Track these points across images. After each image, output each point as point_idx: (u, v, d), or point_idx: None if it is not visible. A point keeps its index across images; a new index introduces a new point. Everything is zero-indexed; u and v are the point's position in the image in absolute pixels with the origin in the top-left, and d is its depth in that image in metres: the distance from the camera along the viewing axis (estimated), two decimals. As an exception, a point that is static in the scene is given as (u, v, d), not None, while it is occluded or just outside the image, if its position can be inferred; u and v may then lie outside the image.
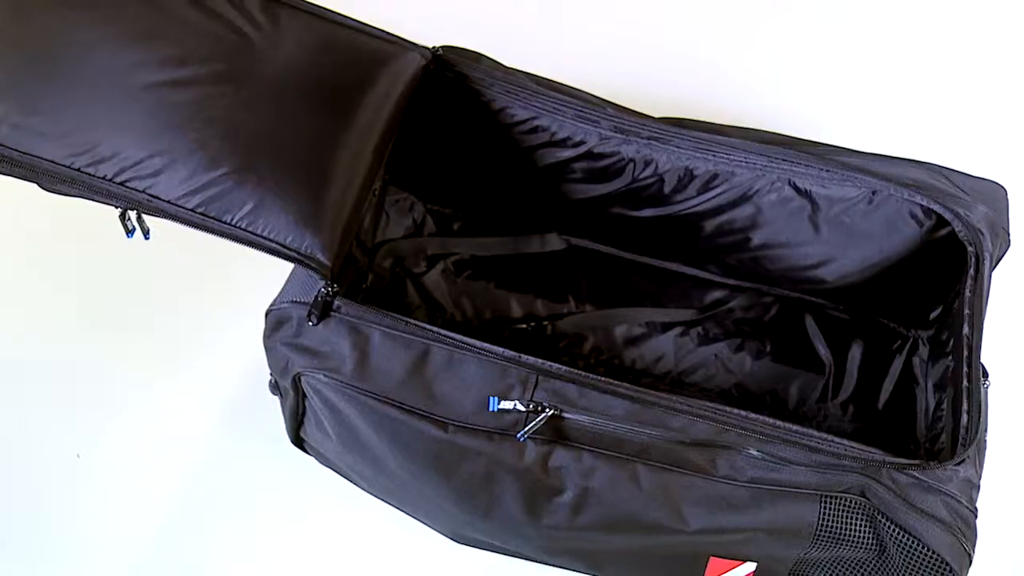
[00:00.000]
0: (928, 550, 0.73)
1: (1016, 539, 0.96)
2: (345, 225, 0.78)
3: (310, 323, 0.78)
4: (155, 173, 0.74)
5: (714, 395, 1.01)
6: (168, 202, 0.74)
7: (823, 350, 1.02)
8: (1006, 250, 0.89)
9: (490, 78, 0.91)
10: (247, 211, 0.75)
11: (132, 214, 0.75)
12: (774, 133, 0.94)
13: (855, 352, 1.02)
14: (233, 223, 0.75)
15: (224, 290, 1.07)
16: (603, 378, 0.76)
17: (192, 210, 0.74)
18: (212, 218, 0.74)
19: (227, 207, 0.74)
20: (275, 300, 0.81)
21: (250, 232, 0.75)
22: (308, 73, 0.82)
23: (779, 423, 0.75)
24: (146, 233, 0.77)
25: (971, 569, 0.74)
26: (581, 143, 0.92)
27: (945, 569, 0.73)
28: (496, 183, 1.01)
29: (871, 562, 0.77)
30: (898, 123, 1.27)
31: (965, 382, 0.79)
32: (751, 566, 0.80)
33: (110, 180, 0.73)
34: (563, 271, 1.05)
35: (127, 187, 0.74)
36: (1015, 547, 0.95)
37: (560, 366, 0.76)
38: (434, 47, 0.90)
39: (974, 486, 0.76)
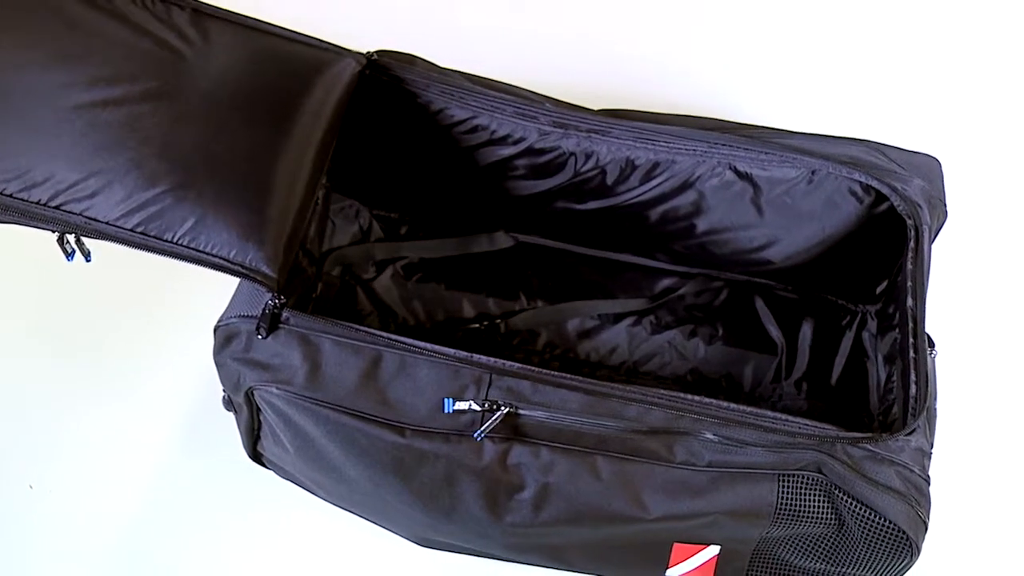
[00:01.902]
0: (884, 520, 0.74)
1: (970, 504, 0.97)
2: (289, 236, 0.77)
3: (259, 337, 0.78)
4: (91, 195, 0.73)
5: (669, 382, 1.01)
6: (106, 224, 0.73)
7: (774, 331, 1.03)
8: (944, 221, 0.90)
9: (426, 80, 0.91)
10: (188, 228, 0.74)
11: (70, 237, 0.74)
12: (713, 119, 0.95)
13: (806, 331, 1.03)
14: (175, 241, 0.74)
15: (171, 308, 1.06)
16: (556, 373, 0.76)
17: (132, 230, 0.73)
18: (153, 237, 0.73)
19: (167, 225, 0.74)
20: (223, 316, 0.81)
21: (192, 249, 0.74)
22: (242, 85, 0.81)
23: (733, 406, 0.76)
24: (87, 256, 0.76)
25: (927, 535, 0.75)
26: (521, 140, 0.93)
27: (901, 538, 0.74)
28: (440, 185, 1.01)
29: (831, 536, 0.78)
30: (832, 102, 1.29)
31: (912, 353, 0.80)
32: (715, 549, 0.80)
33: (45, 205, 0.72)
34: (513, 268, 1.06)
35: (63, 211, 0.73)
36: (969, 512, 0.97)
37: (513, 363, 0.76)
38: (368, 52, 0.90)
39: (926, 454, 0.78)
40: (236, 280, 0.82)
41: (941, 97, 1.30)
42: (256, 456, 0.90)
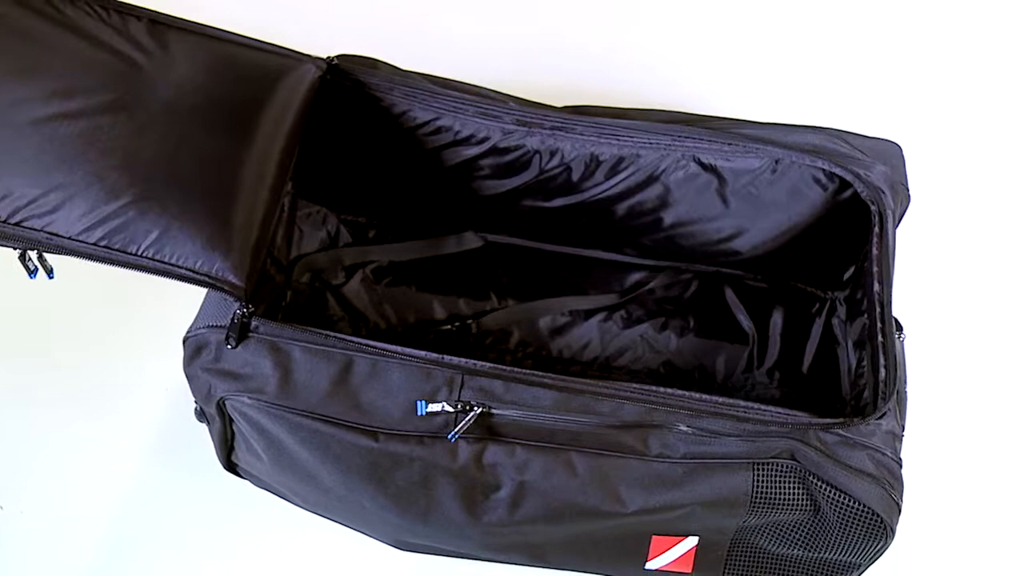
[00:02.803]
0: (859, 504, 0.75)
1: (942, 485, 0.98)
2: (255, 244, 0.77)
3: (229, 346, 0.77)
4: (52, 210, 0.72)
5: (643, 376, 1.02)
6: (69, 239, 0.72)
7: (745, 320, 1.03)
8: (907, 205, 0.91)
9: (388, 83, 0.91)
10: (152, 240, 0.73)
11: (33, 254, 0.74)
12: (676, 112, 0.95)
13: (776, 319, 1.04)
14: (139, 253, 0.73)
15: (138, 322, 1.05)
16: (528, 371, 0.76)
17: (95, 244, 0.72)
18: (117, 251, 0.73)
19: (131, 238, 0.73)
20: (191, 327, 0.80)
21: (158, 261, 0.73)
22: (202, 94, 0.80)
23: (704, 397, 0.76)
24: (49, 272, 0.76)
25: (900, 517, 0.76)
26: (485, 139, 0.92)
27: (876, 520, 0.75)
28: (406, 187, 1.01)
29: (807, 522, 0.78)
30: (792, 91, 1.29)
31: (880, 338, 0.81)
32: (693, 540, 0.81)
33: (5, 222, 0.71)
34: (482, 268, 1.06)
35: (24, 227, 0.72)
36: (942, 493, 0.98)
37: (484, 363, 0.76)
38: (329, 57, 0.90)
39: (897, 437, 0.78)
40: (204, 291, 0.81)
41: (900, 83, 1.31)
42: (231, 466, 0.90)
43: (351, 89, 0.90)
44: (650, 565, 0.83)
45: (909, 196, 0.91)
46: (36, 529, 0.93)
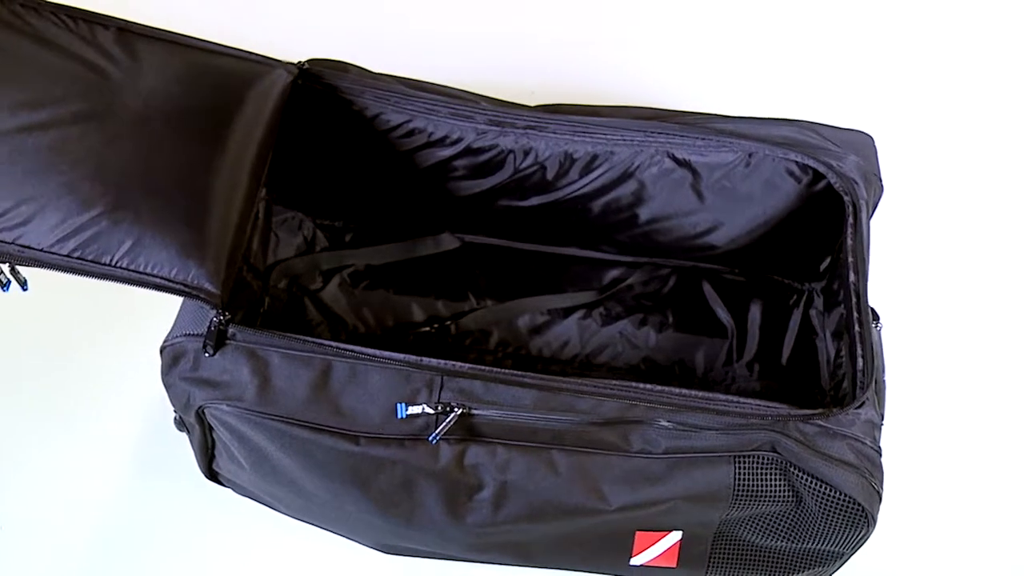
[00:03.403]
0: (840, 494, 0.75)
1: (922, 472, 0.99)
2: (230, 251, 0.76)
3: (206, 354, 0.77)
4: (24, 222, 0.71)
5: (623, 373, 1.02)
6: (41, 251, 0.71)
7: (723, 314, 1.04)
8: (880, 195, 0.91)
9: (360, 86, 0.90)
10: (126, 250, 0.73)
11: (4, 267, 0.73)
12: (649, 108, 0.95)
13: (754, 312, 1.04)
14: (113, 264, 0.73)
15: (114, 332, 1.05)
16: (507, 371, 0.76)
17: (68, 256, 0.72)
18: (91, 261, 0.72)
19: (105, 248, 0.72)
20: (168, 336, 0.80)
21: (132, 271, 0.73)
22: (173, 102, 0.80)
23: (685, 391, 0.77)
24: (23, 284, 0.75)
25: (881, 505, 0.76)
26: (459, 140, 0.92)
27: (857, 509, 0.75)
28: (382, 190, 1.00)
29: (790, 513, 0.79)
30: (763, 84, 1.30)
31: (856, 327, 0.82)
32: (677, 535, 0.81)
33: (-25, 236, 0.71)
34: (460, 269, 1.06)
35: (-5, 240, 0.71)
36: (922, 481, 0.98)
37: (463, 364, 0.76)
38: (300, 61, 0.89)
39: (876, 426, 0.79)
40: (180, 299, 0.81)
41: (871, 74, 1.31)
42: (212, 475, 0.89)
43: (323, 93, 0.90)
44: (635, 561, 0.83)
45: (882, 186, 0.91)
46: (17, 545, 0.92)
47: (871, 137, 0.94)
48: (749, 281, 1.05)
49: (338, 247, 1.05)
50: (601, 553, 0.84)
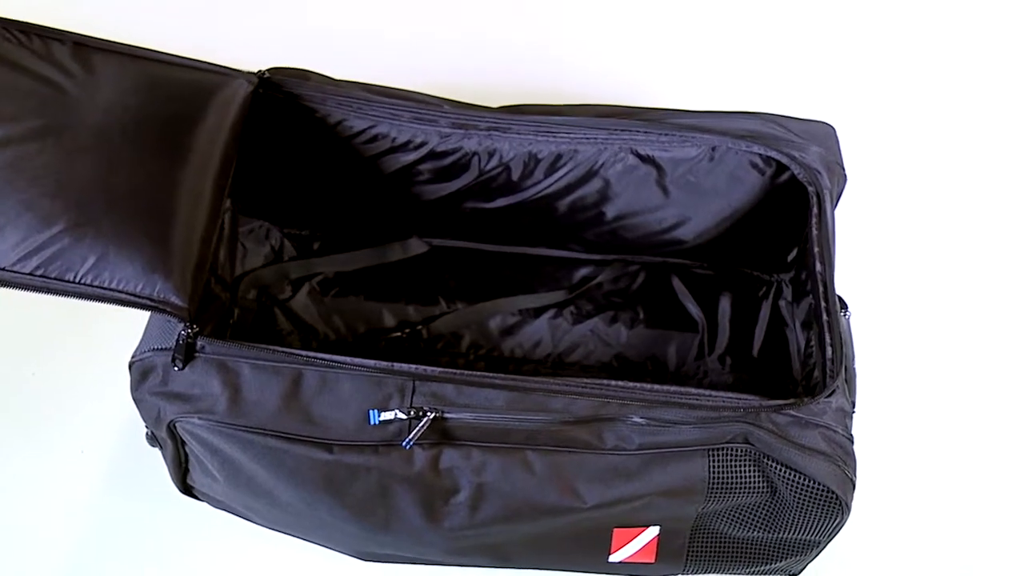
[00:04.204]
0: (813, 483, 0.75)
1: (895, 459, 1.00)
2: (196, 263, 0.76)
3: (176, 368, 0.76)
4: (-16, 242, 0.71)
5: (595, 371, 1.02)
6: (3, 270, 0.70)
7: (694, 308, 1.04)
8: (844, 184, 0.92)
9: (322, 93, 0.90)
10: (90, 266, 0.72)
11: (-32, 287, 0.72)
12: (611, 105, 0.96)
13: (724, 305, 1.05)
14: (77, 281, 0.72)
15: (82, 350, 1.03)
16: (479, 373, 0.76)
17: (31, 274, 0.71)
18: (54, 279, 0.71)
19: (68, 265, 0.72)
20: (136, 351, 0.79)
21: (97, 287, 0.72)
22: (132, 115, 0.79)
23: (656, 387, 0.77)
24: (-13, 304, 0.74)
25: (855, 493, 0.77)
26: (423, 144, 0.92)
27: (831, 498, 0.76)
28: (348, 197, 1.00)
29: (765, 504, 0.79)
30: (724, 78, 1.30)
31: (825, 316, 0.82)
32: (655, 530, 0.81)
33: (-66, 256, 0.70)
34: (429, 274, 1.05)
35: (-46, 261, 0.70)
36: (895, 467, 0.99)
37: (434, 368, 0.76)
38: (260, 71, 0.89)
39: (847, 414, 0.79)
40: (147, 314, 0.80)
41: (829, 65, 1.32)
42: (187, 489, 0.89)
43: (284, 102, 0.90)
44: (613, 558, 0.83)
45: (845, 175, 0.92)
46: (-9, 567, 0.92)
47: (833, 127, 0.95)
48: (718, 274, 1.06)
49: (306, 255, 1.05)
50: (579, 551, 0.84)
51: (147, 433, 0.84)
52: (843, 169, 0.92)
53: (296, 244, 1.05)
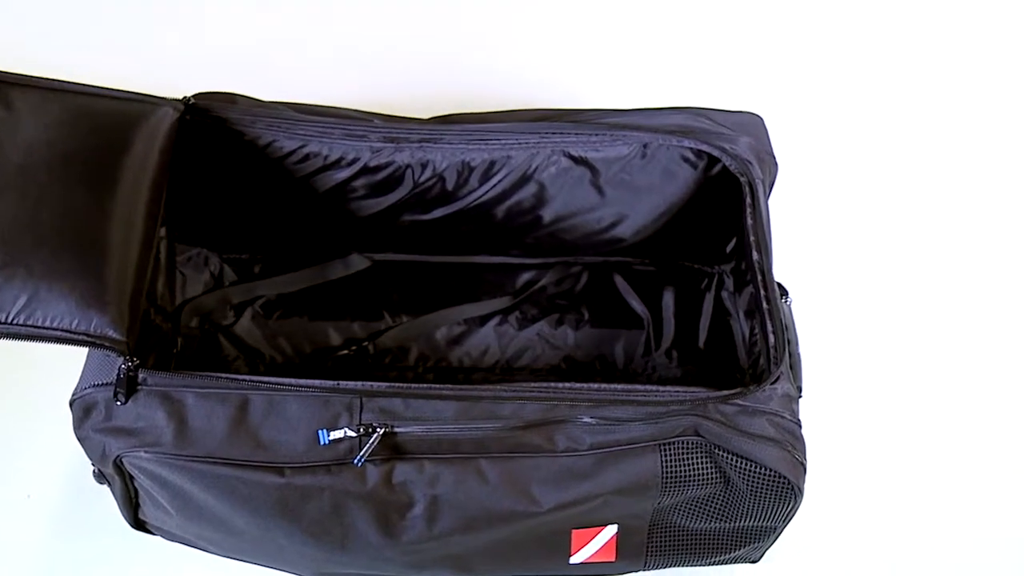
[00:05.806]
0: (765, 469, 0.76)
1: (846, 440, 1.01)
2: (131, 295, 0.75)
3: (118, 403, 0.75)
4: (-91, 289, 0.69)
5: (545, 374, 1.02)
6: (-68, 316, 0.69)
7: (638, 305, 1.05)
8: (776, 172, 0.93)
9: (250, 116, 0.89)
10: (22, 305, 0.71)
11: None
12: (542, 109, 0.96)
13: (667, 300, 1.05)
14: (9, 321, 0.71)
15: (19, 391, 1.02)
16: (425, 385, 0.76)
17: None
18: None
19: None
20: (76, 388, 0.78)
21: (31, 327, 0.71)
22: (56, 150, 0.78)
23: (603, 386, 0.77)
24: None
25: (807, 476, 0.77)
26: (355, 160, 0.92)
27: (783, 482, 0.77)
28: (285, 218, 0.99)
29: (720, 494, 0.80)
30: (649, 75, 1.31)
31: (765, 304, 0.83)
32: (613, 528, 0.82)
33: None
34: (372, 289, 1.05)
35: None
36: (846, 448, 1.00)
37: (380, 383, 0.76)
38: (185, 97, 0.88)
39: (794, 399, 0.80)
40: (85, 350, 0.79)
41: (752, 55, 1.34)
42: (139, 524, 0.87)
43: (212, 127, 0.89)
44: (574, 559, 0.83)
45: (776, 164, 0.93)
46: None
47: (760, 117, 0.96)
48: (659, 270, 1.06)
49: (247, 279, 1.04)
50: (540, 556, 0.84)
51: (94, 471, 0.82)
52: (774, 158, 0.93)
53: (236, 269, 1.04)
